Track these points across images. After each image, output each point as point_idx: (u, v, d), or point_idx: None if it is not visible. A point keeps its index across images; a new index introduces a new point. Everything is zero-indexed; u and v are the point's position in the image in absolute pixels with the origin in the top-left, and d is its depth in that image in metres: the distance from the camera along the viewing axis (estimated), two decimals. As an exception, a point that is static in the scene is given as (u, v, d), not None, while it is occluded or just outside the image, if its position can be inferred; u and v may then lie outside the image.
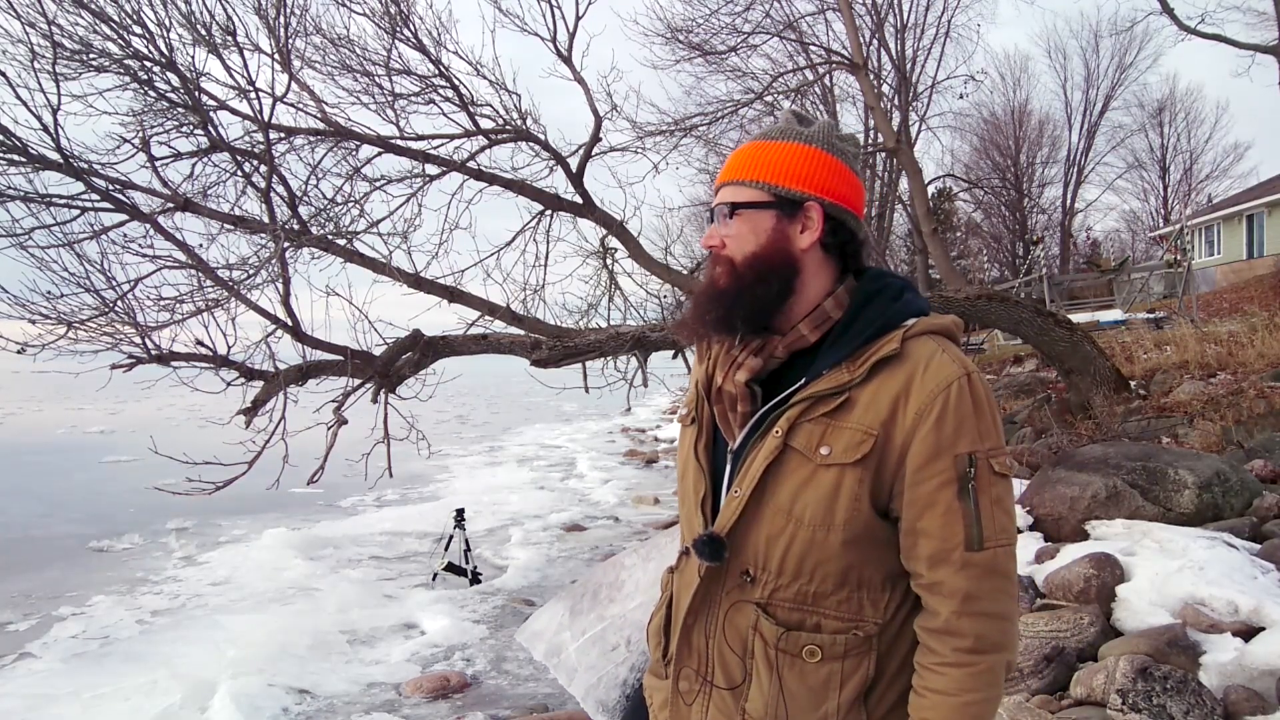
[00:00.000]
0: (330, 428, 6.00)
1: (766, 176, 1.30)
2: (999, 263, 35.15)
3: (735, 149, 1.38)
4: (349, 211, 6.71)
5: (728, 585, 1.29)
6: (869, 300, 1.30)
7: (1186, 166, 36.76)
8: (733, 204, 1.31)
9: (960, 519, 1.21)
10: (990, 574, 1.21)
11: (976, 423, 1.22)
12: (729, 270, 1.31)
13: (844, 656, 1.24)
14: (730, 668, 1.30)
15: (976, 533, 1.21)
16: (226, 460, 5.53)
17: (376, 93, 6.83)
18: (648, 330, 7.00)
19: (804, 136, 1.33)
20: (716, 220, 1.34)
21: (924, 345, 1.26)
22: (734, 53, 13.38)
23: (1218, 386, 8.29)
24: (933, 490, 1.21)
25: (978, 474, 1.21)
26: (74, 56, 5.56)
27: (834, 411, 1.23)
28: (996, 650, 1.22)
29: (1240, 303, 16.73)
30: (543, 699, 4.88)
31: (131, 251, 5.84)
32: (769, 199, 1.30)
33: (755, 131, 1.42)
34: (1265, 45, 16.95)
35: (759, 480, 1.25)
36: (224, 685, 4.95)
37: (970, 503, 1.21)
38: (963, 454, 1.20)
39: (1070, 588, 4.10)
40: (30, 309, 5.37)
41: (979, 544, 1.21)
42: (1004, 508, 1.23)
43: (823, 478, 1.22)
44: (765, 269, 1.28)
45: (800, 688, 1.25)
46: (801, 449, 1.24)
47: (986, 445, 1.22)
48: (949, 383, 1.21)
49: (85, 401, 24.14)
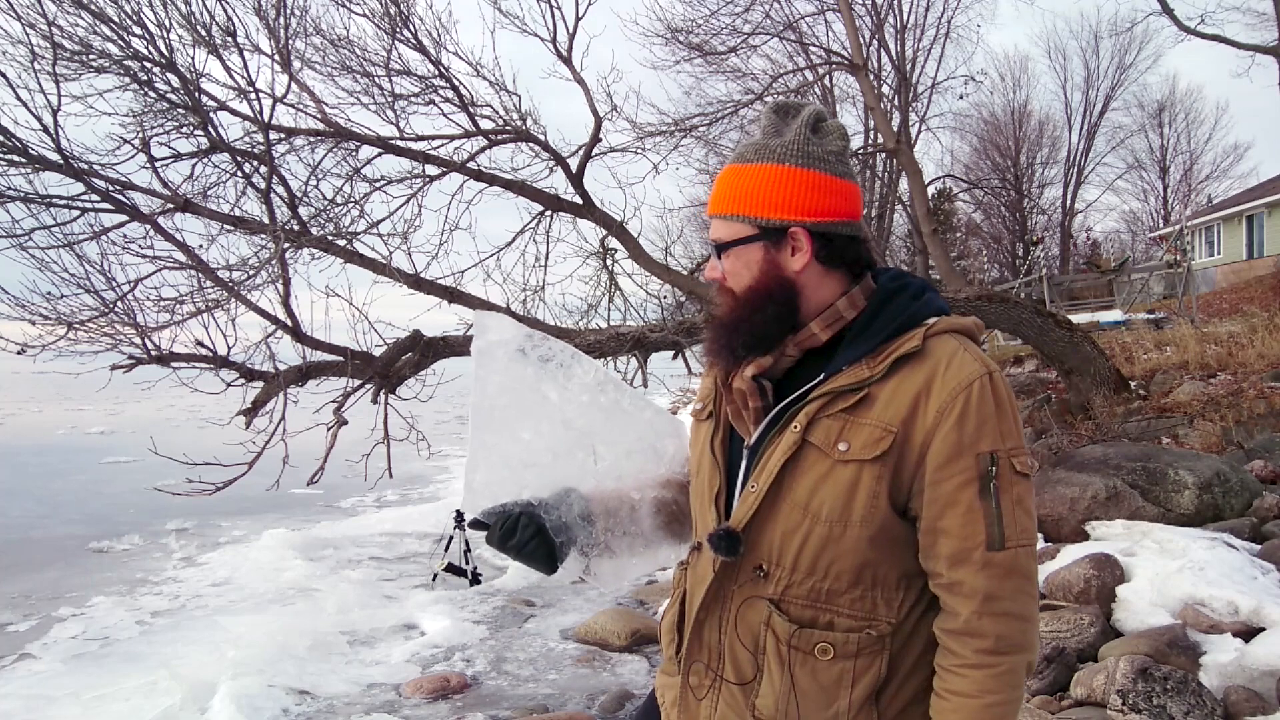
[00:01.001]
0: (330, 428, 6.00)
1: (747, 210, 1.30)
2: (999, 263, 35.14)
3: (724, 169, 1.38)
4: (349, 212, 6.72)
5: (741, 580, 1.29)
6: (890, 298, 1.30)
7: (1186, 167, 36.78)
8: (718, 245, 1.34)
9: (982, 518, 1.20)
10: (1011, 574, 1.21)
11: (998, 422, 1.21)
12: (731, 301, 1.34)
13: (856, 655, 1.24)
14: (741, 664, 1.30)
15: (998, 532, 1.20)
16: (226, 461, 5.53)
17: (376, 93, 6.84)
18: (647, 331, 7.00)
19: (778, 154, 1.30)
20: (711, 255, 1.37)
21: (946, 343, 1.26)
22: (734, 53, 13.38)
23: (1218, 387, 8.30)
24: (954, 489, 1.20)
25: (999, 473, 1.20)
26: (74, 57, 5.56)
27: (853, 407, 1.23)
28: (1018, 651, 1.21)
29: (1240, 303, 16.74)
30: (543, 699, 4.88)
31: (131, 252, 5.84)
32: (754, 231, 1.30)
33: (739, 144, 1.41)
34: (1265, 46, 16.95)
35: (776, 475, 1.25)
36: (224, 686, 4.94)
37: (992, 502, 1.20)
38: (985, 453, 1.20)
39: (1070, 588, 4.10)
40: (30, 310, 5.37)
41: (1000, 544, 1.20)
42: (1025, 508, 1.23)
43: (840, 474, 1.22)
44: (764, 298, 1.29)
45: (812, 685, 1.25)
46: (819, 444, 1.24)
47: (1008, 444, 1.22)
48: (971, 381, 1.21)
49: (85, 402, 24.13)
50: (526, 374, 1.56)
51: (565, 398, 1.54)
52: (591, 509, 1.46)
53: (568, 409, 1.54)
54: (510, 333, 1.59)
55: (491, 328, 1.61)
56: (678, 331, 6.95)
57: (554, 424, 1.54)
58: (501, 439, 1.54)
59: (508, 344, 1.57)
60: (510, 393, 1.55)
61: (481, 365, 1.57)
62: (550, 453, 1.53)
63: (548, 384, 1.55)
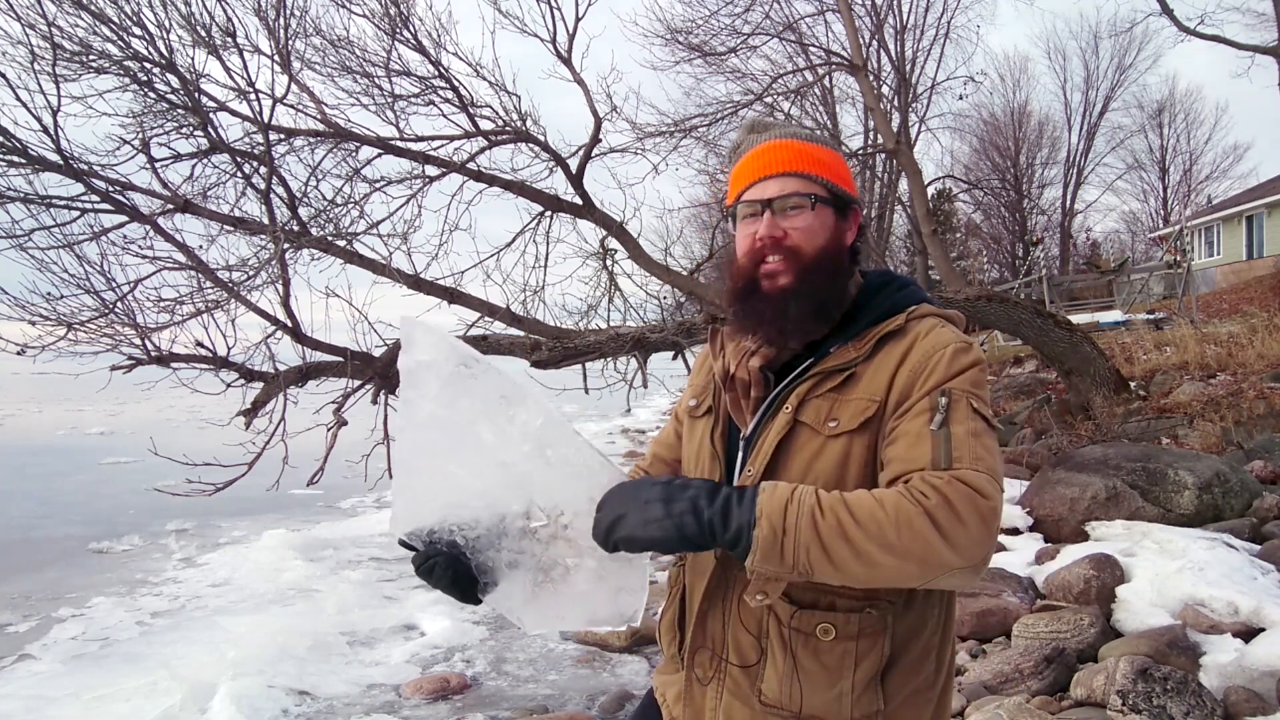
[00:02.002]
0: (330, 429, 6.00)
1: (828, 174, 1.35)
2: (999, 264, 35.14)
3: (763, 143, 1.37)
4: (349, 213, 6.72)
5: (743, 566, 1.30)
6: (876, 291, 1.37)
7: (1186, 167, 36.78)
8: (815, 195, 1.33)
9: (928, 441, 1.15)
10: (958, 484, 1.10)
11: (964, 373, 1.22)
12: (795, 263, 1.30)
13: (858, 636, 1.25)
14: (744, 648, 1.32)
15: (944, 454, 1.13)
16: (226, 461, 5.53)
17: (376, 94, 6.83)
18: (647, 331, 7.00)
19: (829, 144, 1.39)
20: (776, 211, 1.32)
21: (926, 321, 1.31)
22: (734, 54, 13.38)
23: (1217, 387, 8.30)
24: (906, 422, 1.19)
25: (951, 404, 1.18)
26: (74, 58, 5.56)
27: (840, 386, 1.27)
28: (939, 530, 1.07)
29: (1240, 304, 16.74)
30: (542, 700, 4.88)
31: (131, 253, 5.85)
32: (830, 196, 1.35)
33: (774, 130, 1.40)
34: (1265, 46, 16.95)
35: (771, 456, 1.27)
36: (224, 686, 4.94)
37: (942, 430, 1.15)
38: (938, 388, 1.20)
39: (1070, 589, 4.10)
40: (30, 310, 5.37)
41: (947, 463, 1.13)
42: (983, 444, 1.15)
43: (832, 448, 1.24)
44: (833, 262, 1.33)
45: (815, 666, 1.26)
46: (811, 423, 1.27)
47: (967, 387, 1.20)
48: (945, 345, 1.25)
49: (85, 403, 24.10)
50: (460, 405, 1.31)
51: (503, 442, 1.30)
52: (521, 562, 1.33)
53: (504, 454, 1.30)
54: (444, 352, 1.32)
55: (420, 343, 1.33)
56: (678, 332, 6.95)
57: (488, 464, 1.30)
58: (428, 471, 1.34)
59: (439, 365, 1.32)
60: (440, 426, 1.32)
61: (409, 386, 1.33)
62: (480, 495, 1.32)
63: (484, 423, 1.30)
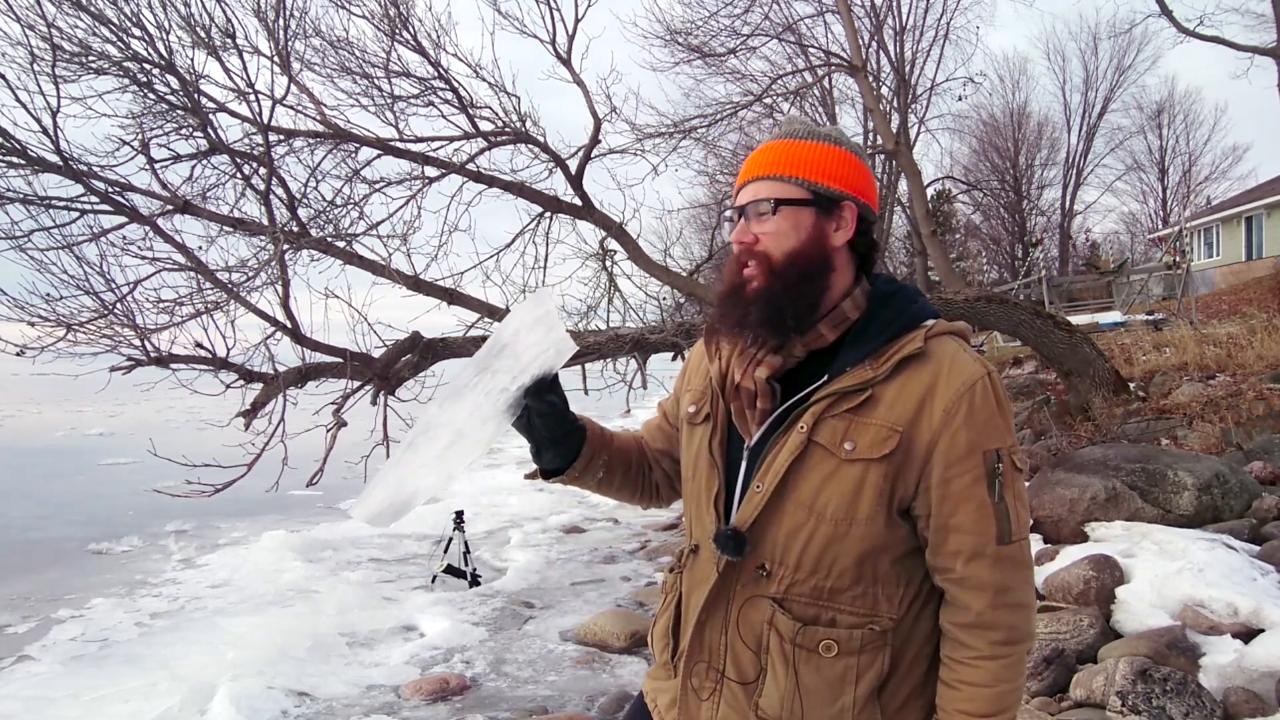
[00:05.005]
0: (329, 430, 6.01)
1: (806, 174, 1.32)
2: (998, 265, 35.19)
3: (761, 145, 1.39)
4: (348, 214, 6.73)
5: (743, 580, 1.30)
6: (886, 301, 1.33)
7: (1185, 168, 36.80)
8: (776, 199, 1.31)
9: (992, 514, 1.24)
10: (1020, 566, 1.26)
11: (1001, 420, 1.26)
12: (765, 268, 1.30)
13: (860, 651, 1.26)
14: (743, 663, 1.31)
15: (1007, 527, 1.25)
16: (226, 462, 5.53)
17: (376, 95, 6.85)
18: (647, 332, 7.01)
19: (832, 139, 1.35)
20: (749, 217, 1.33)
21: (946, 345, 1.29)
22: (733, 55, 13.42)
23: (1217, 388, 8.30)
24: (966, 486, 1.23)
25: (1004, 470, 1.25)
26: (73, 59, 5.57)
27: (858, 408, 1.25)
28: (1026, 639, 1.27)
29: (1239, 304, 16.74)
30: (542, 701, 4.87)
31: (131, 254, 5.86)
32: (809, 196, 1.31)
33: (776, 129, 1.41)
34: (1264, 47, 16.94)
35: (783, 475, 1.26)
36: (223, 687, 4.93)
37: (998, 498, 1.24)
38: (991, 450, 1.24)
39: (1070, 589, 4.10)
40: (29, 311, 5.38)
41: (1009, 537, 1.25)
42: (1023, 501, 1.28)
43: (847, 473, 1.24)
44: (806, 266, 1.29)
45: (816, 682, 1.26)
46: (826, 444, 1.25)
47: (1009, 442, 1.27)
48: (974, 381, 1.25)
49: (84, 404, 24.08)
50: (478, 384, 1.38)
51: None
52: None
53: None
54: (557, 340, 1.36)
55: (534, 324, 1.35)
56: (677, 333, 6.95)
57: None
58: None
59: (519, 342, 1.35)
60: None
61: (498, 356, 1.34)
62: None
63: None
